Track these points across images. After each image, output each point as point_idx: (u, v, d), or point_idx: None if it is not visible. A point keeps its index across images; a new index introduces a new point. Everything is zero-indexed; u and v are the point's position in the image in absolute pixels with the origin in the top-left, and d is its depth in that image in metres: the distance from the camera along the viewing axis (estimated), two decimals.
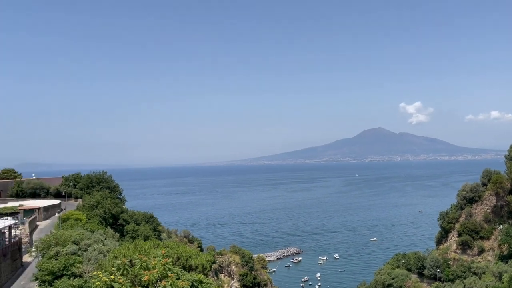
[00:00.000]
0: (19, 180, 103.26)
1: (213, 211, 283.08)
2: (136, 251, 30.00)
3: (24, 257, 54.70)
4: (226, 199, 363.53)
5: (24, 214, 75.98)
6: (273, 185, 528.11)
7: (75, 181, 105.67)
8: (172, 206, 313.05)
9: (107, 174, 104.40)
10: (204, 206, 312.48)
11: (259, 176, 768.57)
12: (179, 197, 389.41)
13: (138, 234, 74.29)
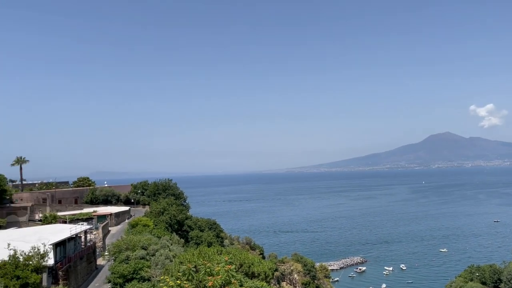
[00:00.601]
0: (93, 188, 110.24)
1: (274, 219, 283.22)
2: (201, 257, 30.77)
3: (98, 260, 58.09)
4: (287, 206, 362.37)
5: (97, 219, 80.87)
6: (335, 192, 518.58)
7: (143, 189, 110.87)
8: (234, 213, 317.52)
9: (172, 182, 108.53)
10: (265, 213, 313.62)
11: (320, 183, 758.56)
12: (240, 204, 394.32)
13: (202, 240, 76.15)
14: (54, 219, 79.24)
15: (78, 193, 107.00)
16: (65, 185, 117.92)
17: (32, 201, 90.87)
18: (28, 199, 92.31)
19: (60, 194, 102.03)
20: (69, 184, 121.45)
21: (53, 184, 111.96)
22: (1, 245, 38.26)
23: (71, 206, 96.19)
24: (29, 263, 34.35)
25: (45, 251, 35.97)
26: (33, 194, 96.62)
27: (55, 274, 39.76)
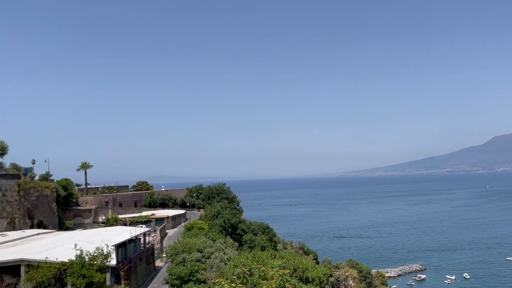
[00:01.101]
0: (151, 192, 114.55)
1: (327, 223, 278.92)
2: (254, 260, 31.01)
3: (156, 262, 60.19)
4: (341, 211, 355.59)
5: (155, 222, 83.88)
6: (391, 197, 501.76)
7: (197, 192, 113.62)
8: (287, 217, 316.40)
9: (225, 186, 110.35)
10: (319, 218, 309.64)
11: (375, 187, 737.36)
12: (293, 208, 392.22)
13: (255, 244, 76.64)
14: (116, 221, 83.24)
15: (137, 197, 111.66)
16: (125, 189, 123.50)
17: (96, 204, 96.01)
18: (92, 202, 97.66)
19: (121, 198, 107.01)
20: (129, 188, 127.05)
21: (114, 188, 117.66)
22: (69, 245, 40.78)
23: (130, 209, 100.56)
24: (94, 263, 36.28)
25: (108, 252, 37.86)
26: (96, 198, 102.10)
27: (117, 274, 41.71)
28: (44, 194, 73.45)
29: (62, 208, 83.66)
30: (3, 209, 62.92)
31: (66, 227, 77.63)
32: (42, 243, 48.39)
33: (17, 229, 63.13)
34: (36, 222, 70.42)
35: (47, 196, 74.37)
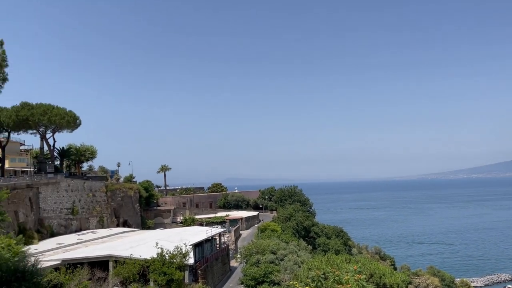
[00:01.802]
0: (225, 193, 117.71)
1: (406, 228, 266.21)
2: (329, 264, 30.60)
3: (231, 262, 61.68)
4: (420, 215, 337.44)
5: (230, 223, 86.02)
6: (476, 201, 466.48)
7: (270, 195, 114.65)
8: (361, 221, 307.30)
9: (297, 188, 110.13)
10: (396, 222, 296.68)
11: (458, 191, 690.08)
12: (368, 212, 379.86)
13: (329, 248, 75.56)
14: (193, 221, 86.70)
15: (212, 198, 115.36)
16: (201, 191, 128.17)
17: (174, 205, 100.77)
18: (171, 203, 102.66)
19: (197, 199, 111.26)
20: (204, 189, 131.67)
21: (191, 189, 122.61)
22: (150, 244, 43.25)
23: (206, 210, 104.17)
24: (174, 261, 38.10)
25: (187, 251, 39.57)
26: (175, 198, 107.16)
27: (195, 272, 43.43)
28: (128, 194, 78.66)
29: (144, 208, 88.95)
30: (93, 208, 68.41)
31: (148, 226, 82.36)
32: (127, 240, 51.87)
33: (105, 227, 68.30)
34: (122, 221, 75.60)
35: (131, 196, 79.53)
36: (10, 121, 65.18)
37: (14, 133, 71.55)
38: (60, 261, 37.83)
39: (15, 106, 66.88)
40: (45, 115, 65.32)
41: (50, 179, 61.11)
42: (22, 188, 53.31)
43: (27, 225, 51.94)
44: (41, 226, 56.34)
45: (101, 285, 34.72)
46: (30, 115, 64.59)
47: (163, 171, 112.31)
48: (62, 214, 61.38)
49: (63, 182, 63.41)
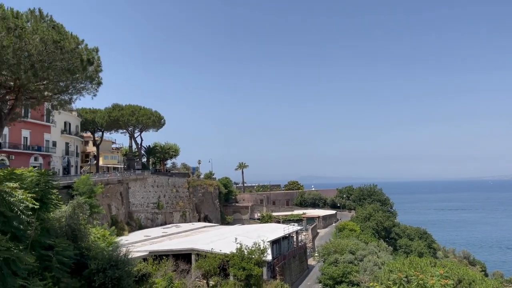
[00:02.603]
0: (302, 191, 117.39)
1: (499, 232, 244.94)
2: (412, 267, 29.22)
3: (309, 261, 61.39)
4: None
5: (306, 221, 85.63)
6: None
7: (348, 193, 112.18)
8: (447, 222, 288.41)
9: (377, 187, 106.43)
10: (487, 225, 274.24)
11: None
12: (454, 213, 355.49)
13: (411, 250, 72.21)
14: (270, 218, 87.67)
15: (289, 196, 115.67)
16: (277, 188, 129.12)
17: (252, 202, 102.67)
18: (248, 199, 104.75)
19: (274, 196, 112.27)
20: (281, 187, 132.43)
21: (268, 186, 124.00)
22: (230, 239, 44.54)
23: (283, 208, 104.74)
24: (252, 257, 38.81)
25: (265, 247, 40.12)
26: (252, 195, 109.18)
27: (273, 269, 43.91)
28: (208, 191, 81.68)
29: (223, 204, 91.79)
30: (176, 203, 72.07)
31: (227, 222, 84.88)
32: (207, 235, 53.91)
33: (188, 221, 71.64)
34: (203, 216, 78.75)
35: (211, 193, 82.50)
36: (103, 122, 71.13)
37: (107, 132, 77.85)
38: (147, 252, 40.39)
39: (107, 108, 72.78)
40: (133, 115, 70.18)
41: (138, 175, 65.50)
42: (114, 184, 57.74)
43: (119, 218, 56.15)
44: (131, 219, 60.60)
45: (185, 276, 36.44)
46: (120, 116, 69.81)
47: (241, 169, 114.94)
48: (149, 208, 65.49)
49: (150, 178, 67.62)
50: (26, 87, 23.65)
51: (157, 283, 31.51)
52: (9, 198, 18.51)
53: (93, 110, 73.28)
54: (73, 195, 39.32)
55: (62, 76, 23.28)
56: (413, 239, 79.32)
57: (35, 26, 20.90)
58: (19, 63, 20.90)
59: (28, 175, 24.51)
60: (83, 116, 71.36)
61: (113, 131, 77.94)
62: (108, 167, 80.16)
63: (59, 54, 21.74)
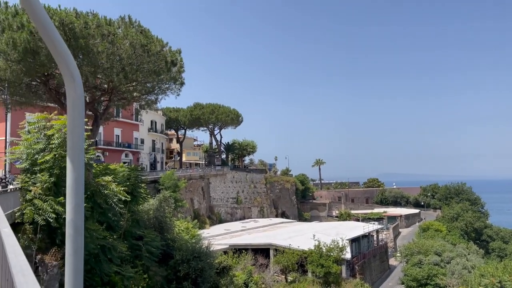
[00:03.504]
0: (382, 189, 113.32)
1: None
2: (506, 272, 26.93)
3: (390, 261, 59.20)
4: None
5: (388, 220, 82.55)
6: None
7: (433, 192, 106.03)
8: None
9: (466, 186, 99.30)
10: None
11: None
12: None
13: (506, 254, 66.51)
14: (348, 216, 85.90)
15: (369, 193, 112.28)
16: (356, 185, 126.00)
17: (329, 199, 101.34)
18: (326, 196, 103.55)
19: (353, 194, 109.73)
20: (360, 184, 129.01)
21: (346, 184, 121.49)
22: (307, 235, 44.43)
23: (362, 205, 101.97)
24: (330, 254, 38.38)
25: (343, 245, 39.45)
26: (329, 193, 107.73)
27: (352, 267, 43.00)
28: (285, 187, 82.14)
29: (300, 200, 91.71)
30: (254, 199, 73.46)
31: (305, 219, 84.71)
32: (285, 231, 54.26)
33: (265, 217, 72.68)
34: (280, 212, 79.40)
35: (288, 189, 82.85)
36: (186, 120, 74.78)
37: (189, 130, 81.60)
38: (227, 246, 41.70)
39: (189, 107, 76.38)
40: (213, 113, 72.81)
41: (218, 171, 67.82)
42: (196, 179, 60.38)
43: (201, 212, 58.64)
44: (212, 212, 62.97)
45: (263, 271, 37.07)
46: (201, 114, 72.81)
47: (318, 165, 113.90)
48: (228, 203, 67.54)
49: (229, 174, 69.69)
50: (117, 88, 25.56)
51: (237, 275, 32.44)
52: (104, 191, 20.25)
53: (176, 109, 77.40)
54: (160, 189, 41.82)
55: (149, 78, 24.79)
56: (508, 242, 72.91)
57: (125, 32, 22.49)
58: (112, 67, 22.63)
59: (120, 170, 26.57)
60: (167, 115, 75.62)
61: (195, 129, 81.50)
62: (191, 163, 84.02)
63: (146, 57, 23.17)
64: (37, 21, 2.63)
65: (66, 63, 2.88)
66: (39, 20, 2.61)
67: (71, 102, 2.99)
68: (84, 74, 23.07)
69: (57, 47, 2.76)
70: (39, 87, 25.59)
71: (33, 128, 18.87)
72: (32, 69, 22.22)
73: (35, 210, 16.71)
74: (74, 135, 3.01)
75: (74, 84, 2.95)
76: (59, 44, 2.74)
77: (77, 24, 20.95)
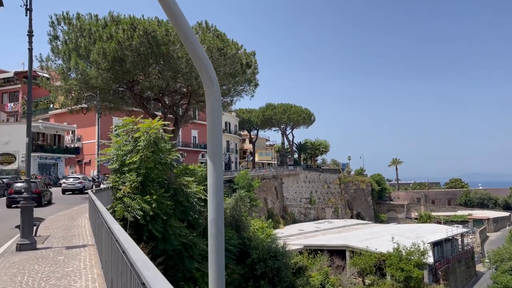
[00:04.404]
0: (466, 190, 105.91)
1: None
2: None
3: (477, 267, 55.20)
4: None
5: (473, 223, 77.08)
6: None
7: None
8: None
9: None
10: None
11: None
12: None
13: None
14: (429, 218, 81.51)
15: (451, 195, 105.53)
16: (436, 186, 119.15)
17: (407, 200, 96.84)
18: (403, 197, 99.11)
19: (433, 195, 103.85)
20: (440, 185, 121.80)
21: (425, 184, 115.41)
22: (385, 238, 42.86)
23: (444, 207, 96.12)
24: (411, 258, 36.67)
25: (425, 248, 37.48)
26: (408, 193, 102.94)
27: (435, 272, 40.69)
28: (360, 187, 79.98)
29: (376, 201, 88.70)
30: (328, 199, 72.43)
31: (381, 220, 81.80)
32: (361, 232, 52.81)
33: (340, 218, 71.32)
34: (355, 213, 77.47)
35: (363, 189, 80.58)
36: (258, 120, 75.81)
37: (261, 130, 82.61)
38: (302, 246, 41.52)
39: (261, 107, 77.33)
40: (285, 113, 73.00)
41: (291, 171, 67.82)
42: (269, 178, 60.92)
43: (274, 211, 59.03)
44: (285, 212, 63.13)
45: (340, 273, 36.39)
46: (273, 114, 73.34)
47: (395, 165, 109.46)
48: (301, 203, 67.28)
49: (302, 174, 69.39)
50: (196, 92, 26.58)
51: (313, 276, 32.19)
52: (186, 190, 21.15)
53: (249, 110, 78.75)
54: (235, 188, 42.79)
55: (225, 80, 25.48)
56: None
57: (203, 37, 23.32)
58: (190, 71, 23.59)
59: (198, 170, 27.61)
60: (240, 116, 77.18)
61: (267, 129, 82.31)
62: (263, 163, 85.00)
63: (222, 60, 23.85)
64: (179, 29, 2.84)
65: (205, 68, 3.05)
66: (181, 29, 2.81)
67: (210, 105, 3.17)
68: (166, 79, 24.31)
69: (197, 52, 2.94)
70: (125, 92, 27.39)
71: (122, 131, 20.22)
72: (120, 76, 23.86)
73: (125, 208, 17.90)
74: (213, 137, 3.17)
75: (213, 88, 3.12)
76: (199, 50, 2.93)
77: (159, 32, 22.12)
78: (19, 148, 44.25)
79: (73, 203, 25.98)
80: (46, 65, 24.59)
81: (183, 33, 2.90)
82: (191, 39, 2.90)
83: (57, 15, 23.84)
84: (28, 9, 11.16)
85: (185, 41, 2.95)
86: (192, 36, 2.90)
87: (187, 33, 2.89)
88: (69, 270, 8.31)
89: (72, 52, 22.85)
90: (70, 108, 28.24)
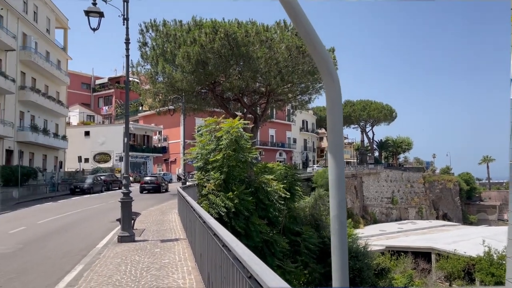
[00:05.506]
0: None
1: None
2: None
3: None
4: None
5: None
6: None
7: None
8: None
9: None
10: None
11: None
12: None
13: None
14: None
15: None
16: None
17: (500, 200, 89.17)
18: (495, 198, 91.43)
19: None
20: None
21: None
22: (474, 240, 39.96)
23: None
24: (503, 262, 33.81)
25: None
26: (500, 193, 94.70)
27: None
28: (447, 187, 75.31)
29: (465, 202, 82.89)
30: (411, 199, 69.20)
31: (470, 222, 76.34)
32: (448, 234, 49.74)
33: (424, 219, 67.77)
34: (441, 213, 73.13)
35: (450, 189, 75.78)
36: None
37: None
38: (384, 247, 40.17)
39: None
40: (364, 110, 71.02)
41: (371, 170, 65.84)
42: (348, 177, 59.69)
43: (354, 211, 57.75)
44: (365, 212, 61.48)
45: (425, 276, 34.68)
46: (352, 111, 71.65)
47: (486, 163, 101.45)
48: (382, 202, 65.04)
49: (383, 173, 67.04)
50: (274, 91, 26.94)
51: (396, 279, 31.06)
52: (267, 188, 21.53)
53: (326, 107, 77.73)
54: (314, 187, 42.60)
55: (303, 78, 25.50)
56: None
57: (281, 36, 23.56)
58: (269, 71, 23.96)
59: (277, 168, 27.89)
60: (318, 114, 76.46)
61: (345, 126, 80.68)
62: None
63: (301, 58, 23.89)
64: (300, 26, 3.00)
65: (326, 64, 3.16)
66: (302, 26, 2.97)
67: (331, 101, 3.28)
68: (245, 80, 24.94)
69: (317, 48, 3.06)
70: (207, 94, 28.57)
71: (205, 131, 21.13)
72: (202, 78, 24.94)
73: (210, 204, 18.70)
74: (334, 133, 3.27)
75: (334, 84, 3.23)
76: (319, 46, 3.05)
77: (239, 34, 22.76)
78: (113, 148, 48.09)
79: (162, 199, 27.68)
80: (137, 70, 26.45)
81: (303, 29, 3.01)
82: (311, 35, 3.01)
83: (146, 23, 25.53)
84: (125, 19, 12.13)
85: (305, 37, 3.06)
86: (312, 32, 3.01)
87: (307, 29, 3.00)
88: (166, 262, 8.95)
89: (159, 57, 24.35)
90: (158, 110, 30.07)
